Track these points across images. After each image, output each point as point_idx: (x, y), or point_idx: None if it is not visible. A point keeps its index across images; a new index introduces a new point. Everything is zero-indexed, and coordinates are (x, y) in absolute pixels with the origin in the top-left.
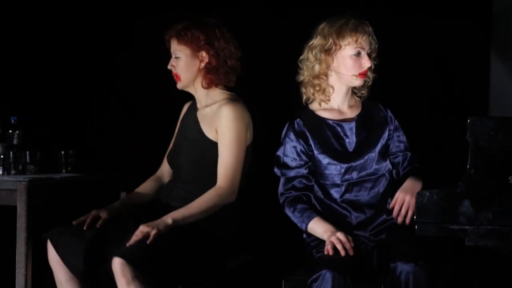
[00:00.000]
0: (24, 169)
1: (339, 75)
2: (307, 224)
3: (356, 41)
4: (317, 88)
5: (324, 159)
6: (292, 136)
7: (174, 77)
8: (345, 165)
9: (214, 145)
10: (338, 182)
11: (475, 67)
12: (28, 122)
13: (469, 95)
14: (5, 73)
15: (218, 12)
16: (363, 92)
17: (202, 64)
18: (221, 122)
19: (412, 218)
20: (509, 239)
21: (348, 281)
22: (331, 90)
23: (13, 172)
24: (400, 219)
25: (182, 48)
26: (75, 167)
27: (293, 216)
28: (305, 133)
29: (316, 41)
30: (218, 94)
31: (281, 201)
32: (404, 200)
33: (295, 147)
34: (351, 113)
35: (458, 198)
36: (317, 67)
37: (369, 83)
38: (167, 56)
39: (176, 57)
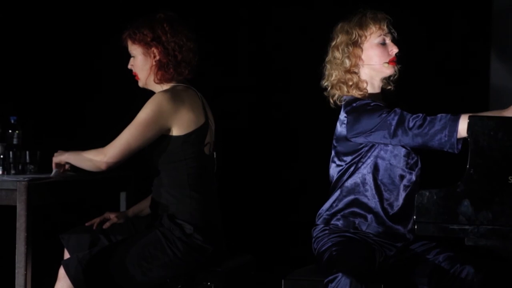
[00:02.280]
0: (24, 169)
1: (371, 66)
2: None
3: (379, 28)
4: (350, 83)
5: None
6: (377, 104)
7: (135, 77)
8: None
9: (161, 138)
10: (405, 168)
11: (475, 67)
12: (28, 122)
13: (469, 95)
14: (5, 73)
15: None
16: (390, 87)
17: (154, 61)
18: None
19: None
20: (509, 239)
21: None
22: (365, 85)
23: (13, 172)
24: None
25: (135, 48)
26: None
27: (440, 120)
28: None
29: (339, 39)
30: (167, 87)
31: (412, 131)
32: None
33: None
34: None
35: (458, 198)
36: (347, 61)
37: (396, 76)
38: None
39: (133, 57)
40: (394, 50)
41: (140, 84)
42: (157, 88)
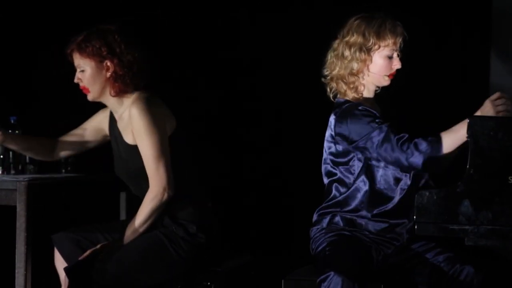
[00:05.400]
0: (24, 169)
1: (371, 74)
2: (441, 138)
3: (394, 42)
4: (351, 86)
5: None
6: (367, 110)
7: (83, 90)
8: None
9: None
10: (400, 175)
11: (475, 67)
12: (28, 122)
13: (469, 95)
14: (5, 73)
15: None
16: (377, 89)
17: (108, 74)
18: (133, 125)
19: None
20: (509, 239)
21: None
22: (362, 88)
23: (12, 172)
24: None
25: (86, 61)
26: (75, 167)
27: (430, 145)
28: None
29: (354, 38)
30: (128, 99)
31: (401, 150)
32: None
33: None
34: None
35: (458, 198)
36: (355, 65)
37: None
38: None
39: (82, 71)
40: (397, 66)
41: (90, 97)
42: (111, 101)
